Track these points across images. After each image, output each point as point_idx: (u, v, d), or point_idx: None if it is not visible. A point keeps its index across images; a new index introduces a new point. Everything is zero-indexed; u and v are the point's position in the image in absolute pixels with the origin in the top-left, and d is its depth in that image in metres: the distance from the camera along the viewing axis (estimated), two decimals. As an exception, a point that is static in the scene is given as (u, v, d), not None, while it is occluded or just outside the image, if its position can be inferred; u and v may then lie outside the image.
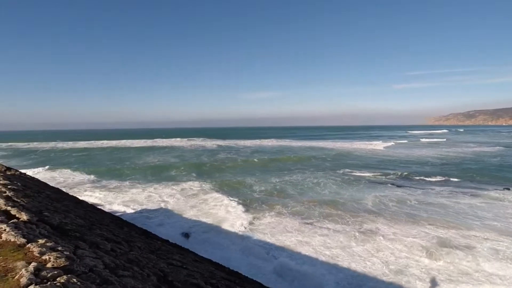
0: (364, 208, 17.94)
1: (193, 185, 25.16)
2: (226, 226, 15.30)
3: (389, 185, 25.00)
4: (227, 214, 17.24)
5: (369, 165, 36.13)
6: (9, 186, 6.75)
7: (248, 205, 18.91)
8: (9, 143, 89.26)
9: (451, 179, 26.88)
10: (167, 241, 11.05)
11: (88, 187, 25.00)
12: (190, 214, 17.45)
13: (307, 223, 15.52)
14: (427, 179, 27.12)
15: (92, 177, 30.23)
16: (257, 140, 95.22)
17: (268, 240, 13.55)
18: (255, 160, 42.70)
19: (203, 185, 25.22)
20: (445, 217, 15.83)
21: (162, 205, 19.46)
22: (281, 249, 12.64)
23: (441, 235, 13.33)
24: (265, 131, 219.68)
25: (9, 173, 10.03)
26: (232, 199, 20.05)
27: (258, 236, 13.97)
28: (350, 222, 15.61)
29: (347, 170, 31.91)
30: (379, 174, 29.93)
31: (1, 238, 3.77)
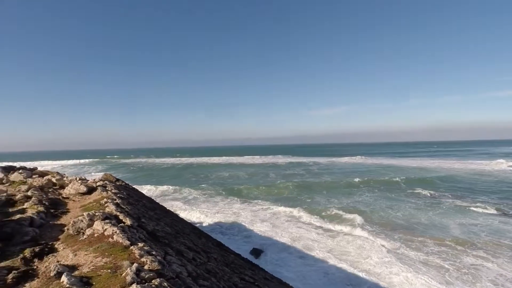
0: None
1: (266, 202, 25.60)
2: (300, 246, 14.85)
3: None
4: (303, 233, 16.78)
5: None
6: (118, 195, 8.24)
7: (328, 226, 17.95)
8: (107, 159, 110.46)
9: None
10: (239, 255, 11.39)
11: (170, 198, 28.37)
12: (262, 230, 17.69)
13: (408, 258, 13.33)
14: None
15: (174, 188, 34.27)
16: (330, 157, 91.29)
17: (348, 268, 12.24)
18: (329, 179, 40.84)
19: (277, 202, 25.44)
20: None
21: (235, 219, 20.36)
22: (364, 282, 11.29)
23: None
24: (335, 148, 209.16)
25: (117, 183, 12.33)
26: (309, 217, 19.52)
27: (335, 261, 12.95)
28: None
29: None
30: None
31: (113, 239, 4.57)
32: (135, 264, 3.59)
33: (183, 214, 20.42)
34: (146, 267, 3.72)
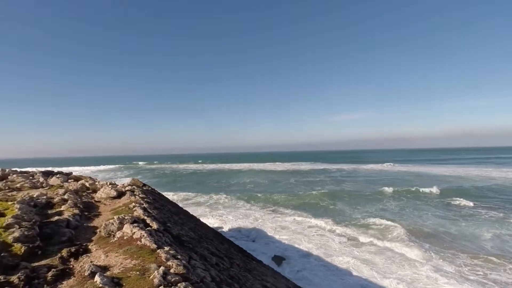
0: None
1: (287, 209, 25.32)
2: (323, 254, 14.45)
3: None
4: (326, 242, 16.37)
5: None
6: (145, 199, 8.60)
7: (352, 235, 17.32)
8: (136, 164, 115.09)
9: None
10: (261, 262, 11.32)
11: (193, 203, 28.96)
12: (283, 237, 17.49)
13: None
14: None
15: (196, 193, 34.98)
16: (353, 164, 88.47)
17: (375, 280, 11.62)
18: (353, 187, 39.57)
19: (298, 209, 25.07)
20: None
21: (256, 225, 20.32)
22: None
23: None
24: (359, 154, 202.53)
25: (144, 188, 12.86)
26: (332, 226, 19.00)
27: (361, 272, 12.39)
28: None
29: None
30: None
31: (141, 242, 4.76)
32: (162, 267, 3.72)
33: (205, 219, 20.73)
34: (172, 270, 3.83)
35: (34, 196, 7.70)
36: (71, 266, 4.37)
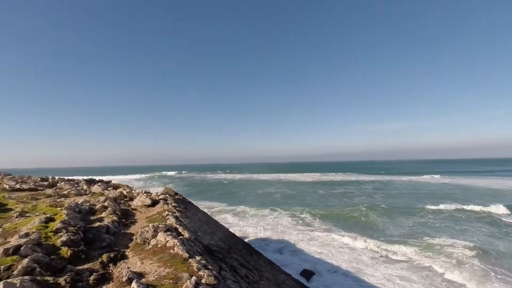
0: None
1: (315, 221, 24.58)
2: (354, 270, 13.69)
3: None
4: (357, 257, 15.50)
5: None
6: (177, 208, 8.89)
7: (385, 252, 16.25)
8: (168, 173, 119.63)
9: None
10: (290, 275, 11.00)
11: (222, 212, 29.24)
12: (312, 250, 16.89)
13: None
14: None
15: (225, 203, 35.37)
16: (388, 175, 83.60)
17: None
18: (386, 200, 37.35)
19: (327, 221, 24.20)
20: None
21: (283, 236, 19.90)
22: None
23: None
24: (393, 165, 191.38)
25: (176, 197, 13.32)
26: (363, 240, 18.01)
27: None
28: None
29: None
30: None
31: (173, 250, 4.89)
32: (194, 277, 3.77)
33: (233, 229, 20.81)
34: (203, 280, 3.87)
35: (79, 202, 8.34)
36: (110, 271, 4.61)
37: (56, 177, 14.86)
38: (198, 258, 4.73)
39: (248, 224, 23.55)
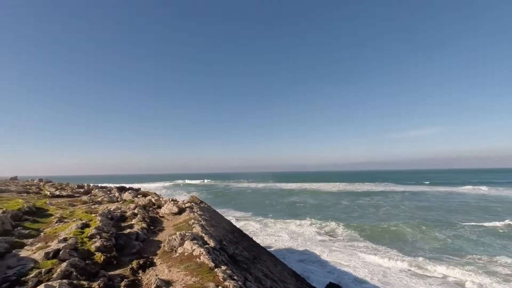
0: None
1: (339, 231, 23.66)
2: (381, 284, 12.88)
3: None
4: (385, 270, 14.60)
5: None
6: (202, 216, 9.01)
7: (416, 268, 15.13)
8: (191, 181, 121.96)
9: None
10: (316, 289, 10.58)
11: (245, 221, 29.14)
12: (337, 261, 16.19)
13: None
14: None
15: (248, 212, 35.28)
16: (418, 185, 78.57)
17: None
18: (412, 212, 35.06)
19: (352, 231, 23.18)
20: None
21: (307, 247, 19.31)
22: None
23: None
24: (424, 175, 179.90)
25: (201, 205, 13.53)
26: (391, 253, 17.01)
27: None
28: None
29: None
30: None
31: (200, 259, 4.92)
32: (220, 287, 3.75)
33: (256, 238, 20.61)
34: (229, 291, 3.83)
35: (111, 209, 8.76)
36: (139, 278, 4.73)
37: (91, 184, 15.81)
38: (223, 267, 4.71)
39: (272, 234, 23.21)
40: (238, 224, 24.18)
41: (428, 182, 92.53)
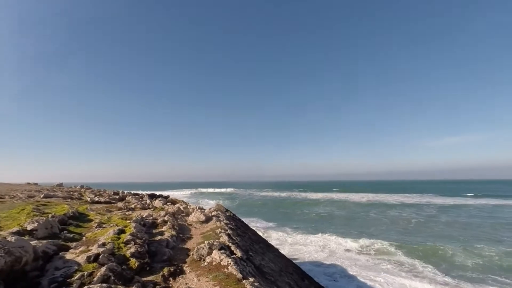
0: None
1: (366, 245, 22.52)
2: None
3: None
4: (413, 284, 13.68)
5: None
6: (229, 225, 9.14)
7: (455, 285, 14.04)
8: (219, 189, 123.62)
9: None
10: (345, 306, 10.14)
11: (270, 231, 28.84)
12: (365, 276, 15.39)
13: None
14: None
15: (274, 222, 34.93)
16: (452, 197, 72.88)
17: None
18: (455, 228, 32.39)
19: (380, 245, 21.97)
20: None
21: (334, 260, 18.61)
22: None
23: None
24: (458, 185, 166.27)
25: (227, 214, 13.72)
26: (428, 273, 15.86)
27: None
28: None
29: None
30: None
31: (227, 270, 5.00)
32: (249, 300, 3.78)
33: (282, 250, 20.30)
34: (257, 304, 3.84)
35: (144, 216, 9.21)
36: (170, 285, 4.91)
37: (125, 192, 16.76)
38: (251, 279, 4.73)
39: (297, 245, 22.76)
40: (263, 234, 24.02)
41: (471, 194, 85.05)
